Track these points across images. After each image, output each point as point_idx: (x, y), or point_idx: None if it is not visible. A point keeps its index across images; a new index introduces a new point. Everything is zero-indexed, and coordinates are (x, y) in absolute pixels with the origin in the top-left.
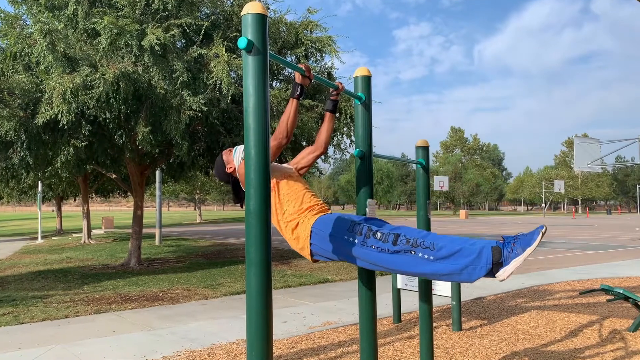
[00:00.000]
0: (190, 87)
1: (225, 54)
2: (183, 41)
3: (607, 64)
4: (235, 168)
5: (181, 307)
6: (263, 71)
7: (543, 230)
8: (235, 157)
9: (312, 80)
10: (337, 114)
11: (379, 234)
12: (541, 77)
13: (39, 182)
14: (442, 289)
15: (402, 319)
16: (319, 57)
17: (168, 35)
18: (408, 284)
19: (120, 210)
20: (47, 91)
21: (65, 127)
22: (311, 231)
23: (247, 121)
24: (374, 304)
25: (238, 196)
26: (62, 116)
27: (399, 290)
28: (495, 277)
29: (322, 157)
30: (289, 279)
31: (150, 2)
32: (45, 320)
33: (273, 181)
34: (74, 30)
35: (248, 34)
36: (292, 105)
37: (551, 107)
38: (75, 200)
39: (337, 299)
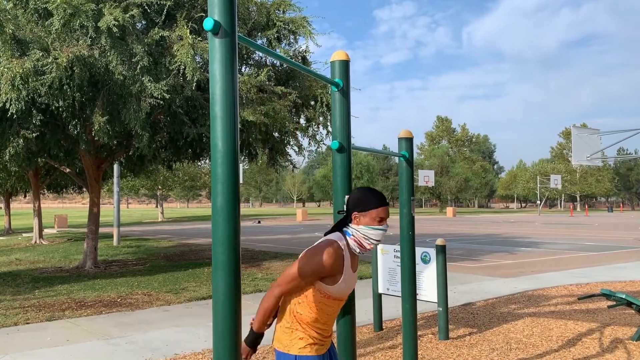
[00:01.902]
0: (151, 72)
1: (190, 37)
2: (143, 22)
3: (608, 47)
4: None
5: (141, 314)
6: (231, 55)
7: None
8: None
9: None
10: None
11: None
12: (536, 62)
13: None
14: (427, 294)
15: (384, 327)
16: (292, 40)
17: (127, 15)
18: (390, 288)
19: (74, 207)
20: None
21: (15, 116)
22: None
23: (214, 110)
24: (352, 310)
25: None
26: (10, 104)
27: (380, 295)
28: None
29: (296, 149)
30: (260, 282)
31: None
32: None
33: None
34: (23, 11)
35: (214, 14)
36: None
37: (547, 94)
38: (25, 196)
39: None
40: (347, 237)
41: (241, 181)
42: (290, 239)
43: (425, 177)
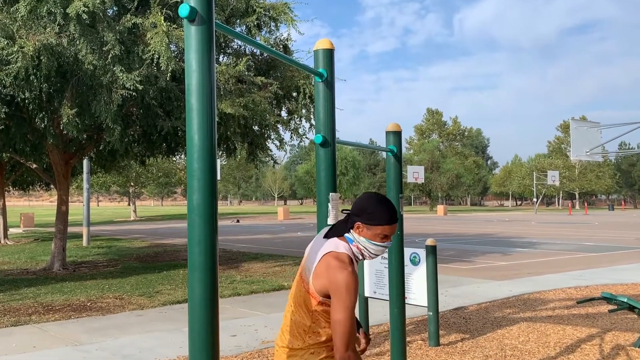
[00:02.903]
0: (123, 62)
1: (164, 24)
2: (115, 8)
3: (609, 34)
4: None
5: (113, 319)
6: (208, 43)
7: None
8: None
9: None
10: (296, 94)
11: None
12: (533, 51)
13: None
14: (416, 298)
15: (370, 333)
16: (273, 27)
17: (97, 1)
18: (377, 291)
19: (41, 205)
20: None
21: None
22: None
23: (190, 102)
24: None
25: None
26: None
27: (366, 299)
28: None
29: (278, 143)
30: (239, 285)
31: None
32: None
33: None
34: None
35: (190, 0)
36: None
37: (544, 85)
38: None
39: None
40: (350, 244)
41: (219, 177)
42: (271, 239)
43: (415, 173)
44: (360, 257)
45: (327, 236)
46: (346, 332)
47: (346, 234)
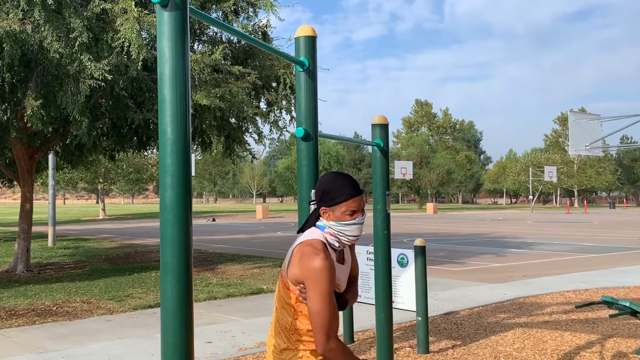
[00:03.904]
0: (91, 50)
1: (135, 9)
2: None
3: (610, 21)
4: None
5: (80, 324)
6: (182, 30)
7: None
8: None
9: None
10: (276, 84)
11: None
12: (528, 38)
13: None
14: (404, 302)
15: (355, 339)
16: (251, 13)
17: None
18: (362, 295)
19: (4, 203)
20: None
21: None
22: None
23: (163, 92)
24: None
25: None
26: None
27: None
28: None
29: (256, 137)
30: (215, 288)
31: None
32: None
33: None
34: None
35: None
36: None
37: (541, 75)
38: None
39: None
40: (322, 232)
41: (193, 173)
42: (249, 239)
43: (403, 169)
44: (338, 244)
45: (301, 231)
46: (325, 322)
47: (317, 223)
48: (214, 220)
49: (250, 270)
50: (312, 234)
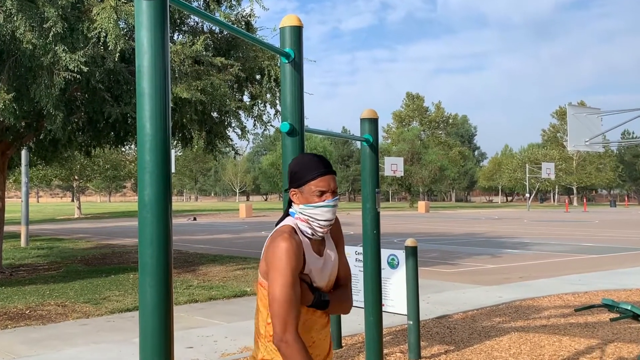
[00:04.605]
0: (66, 40)
1: None
2: None
3: (611, 10)
4: None
5: (54, 329)
6: (161, 20)
7: None
8: None
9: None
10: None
11: None
12: (525, 29)
13: None
14: (395, 305)
15: (343, 344)
16: (234, 2)
17: None
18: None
19: None
20: None
21: None
22: None
23: (141, 85)
24: None
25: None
26: None
27: None
28: None
29: (239, 132)
30: (196, 291)
31: None
32: None
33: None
34: None
35: None
36: None
37: (538, 67)
38: None
39: None
40: (293, 217)
41: (173, 170)
42: (231, 239)
43: (393, 166)
44: (310, 231)
45: (278, 223)
46: (282, 310)
47: (290, 210)
48: (194, 219)
49: (233, 272)
50: (284, 222)
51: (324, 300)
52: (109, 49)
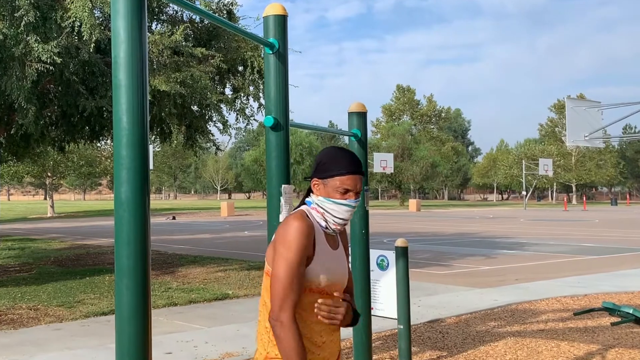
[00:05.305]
0: (38, 30)
1: None
2: None
3: None
4: None
5: (26, 333)
6: (139, 8)
7: None
8: None
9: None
10: (245, 73)
11: None
12: (521, 17)
13: None
14: (385, 308)
15: None
16: None
17: None
18: None
19: None
20: None
21: None
22: None
23: (117, 77)
24: None
25: None
26: None
27: None
28: None
29: (221, 126)
30: (175, 294)
31: None
32: None
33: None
34: None
35: None
36: None
37: (535, 58)
38: None
39: (240, 321)
40: (309, 207)
41: (151, 167)
42: (212, 239)
43: (383, 162)
44: (324, 223)
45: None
46: (281, 290)
47: (307, 199)
48: (174, 218)
49: (214, 274)
50: (296, 210)
51: (358, 315)
52: (84, 39)
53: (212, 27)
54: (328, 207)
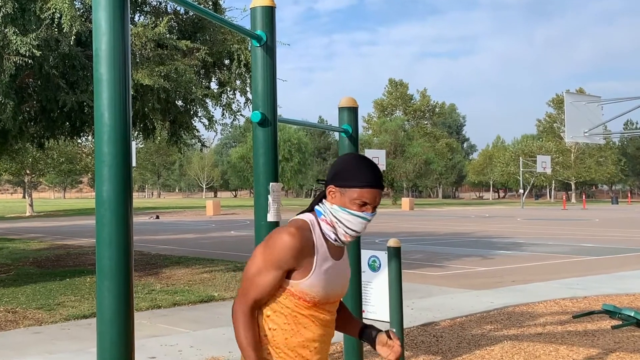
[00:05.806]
0: (16, 22)
1: None
2: None
3: None
4: None
5: (4, 337)
6: None
7: None
8: None
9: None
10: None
11: None
12: (518, 8)
13: None
14: (376, 311)
15: None
16: None
17: None
18: None
19: None
20: None
21: None
22: None
23: (99, 71)
24: None
25: None
26: None
27: None
28: None
29: (206, 122)
30: (158, 296)
31: None
32: None
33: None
34: None
35: None
36: None
37: (533, 51)
38: None
39: (226, 324)
40: (319, 218)
41: (134, 164)
42: (197, 240)
43: (374, 159)
44: (333, 236)
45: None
46: (245, 285)
47: (316, 208)
48: (157, 217)
49: (199, 275)
50: (303, 215)
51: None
52: (64, 31)
53: (197, 19)
54: (342, 216)
